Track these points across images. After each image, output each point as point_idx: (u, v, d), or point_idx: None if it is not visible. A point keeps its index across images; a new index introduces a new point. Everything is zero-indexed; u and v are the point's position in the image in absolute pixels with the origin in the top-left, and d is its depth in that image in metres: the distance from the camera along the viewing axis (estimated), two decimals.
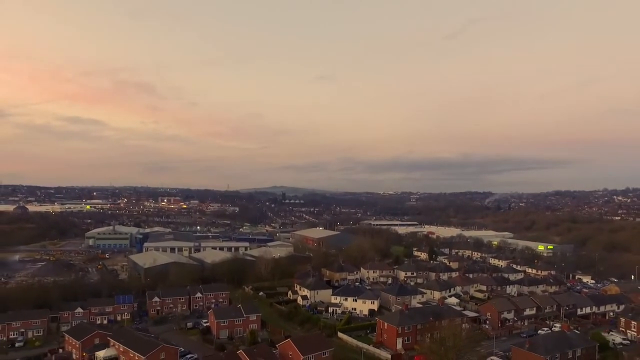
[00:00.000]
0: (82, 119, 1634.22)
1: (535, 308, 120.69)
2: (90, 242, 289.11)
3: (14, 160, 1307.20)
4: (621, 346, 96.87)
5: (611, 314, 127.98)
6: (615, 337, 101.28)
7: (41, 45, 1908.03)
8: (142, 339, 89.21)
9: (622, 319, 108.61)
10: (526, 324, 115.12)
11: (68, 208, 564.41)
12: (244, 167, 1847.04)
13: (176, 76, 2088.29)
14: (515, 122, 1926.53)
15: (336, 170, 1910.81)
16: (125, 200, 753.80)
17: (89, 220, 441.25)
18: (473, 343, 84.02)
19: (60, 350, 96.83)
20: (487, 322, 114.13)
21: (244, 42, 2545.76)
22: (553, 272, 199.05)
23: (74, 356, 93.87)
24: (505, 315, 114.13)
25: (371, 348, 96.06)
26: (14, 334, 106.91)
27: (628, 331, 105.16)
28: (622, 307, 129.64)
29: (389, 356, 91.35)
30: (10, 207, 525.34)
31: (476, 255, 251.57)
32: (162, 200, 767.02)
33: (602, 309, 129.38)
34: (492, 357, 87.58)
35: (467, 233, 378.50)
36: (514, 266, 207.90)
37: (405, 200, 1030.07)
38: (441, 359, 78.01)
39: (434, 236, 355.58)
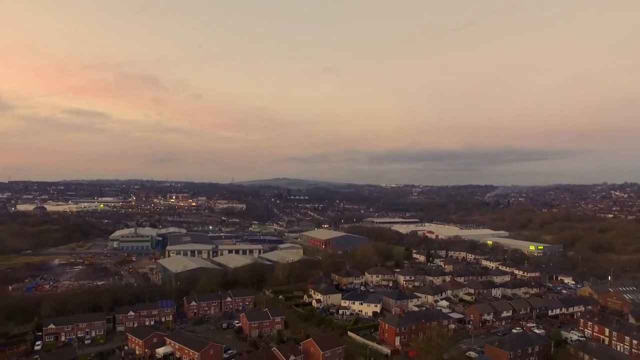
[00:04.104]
0: (86, 111, 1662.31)
1: (511, 310, 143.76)
2: (115, 244, 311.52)
3: (20, 153, 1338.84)
4: (577, 342, 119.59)
5: (578, 314, 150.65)
6: (573, 335, 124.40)
7: (46, 39, 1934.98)
8: (194, 338, 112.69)
9: (582, 320, 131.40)
10: (503, 324, 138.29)
11: (84, 207, 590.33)
12: (247, 158, 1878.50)
13: (180, 69, 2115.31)
14: (519, 113, 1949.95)
15: (340, 162, 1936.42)
16: (135, 198, 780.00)
17: (106, 221, 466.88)
18: (454, 342, 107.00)
19: (125, 347, 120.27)
20: (470, 322, 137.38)
21: (248, 36, 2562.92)
22: (538, 274, 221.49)
23: (137, 352, 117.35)
24: (486, 317, 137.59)
25: (375, 345, 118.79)
26: (81, 333, 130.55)
27: (585, 330, 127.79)
28: (589, 307, 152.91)
29: (389, 351, 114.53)
30: (29, 207, 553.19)
31: (470, 257, 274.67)
32: (171, 197, 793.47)
33: (570, 310, 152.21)
34: (470, 352, 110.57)
35: (465, 232, 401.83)
36: (502, 268, 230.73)
37: (408, 194, 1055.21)
38: (429, 353, 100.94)
39: (433, 236, 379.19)
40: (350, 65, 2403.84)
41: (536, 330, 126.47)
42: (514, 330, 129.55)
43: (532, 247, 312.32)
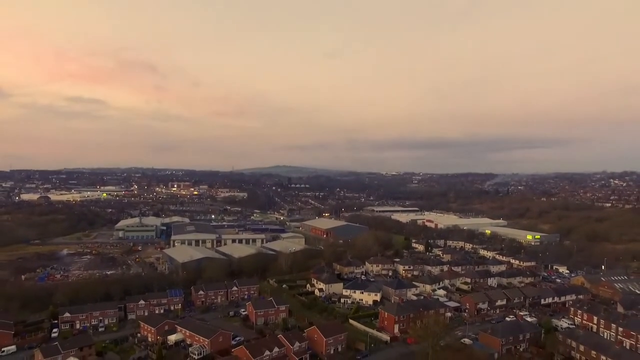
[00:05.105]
0: (85, 99, 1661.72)
1: (505, 299, 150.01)
2: (120, 234, 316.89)
3: (20, 142, 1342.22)
4: (566, 330, 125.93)
5: (570, 302, 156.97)
6: (563, 323, 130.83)
7: (45, 25, 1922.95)
8: (203, 325, 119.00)
9: (572, 309, 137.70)
10: (497, 312, 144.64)
11: (87, 196, 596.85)
12: (248, 146, 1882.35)
13: (178, 55, 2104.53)
14: (521, 101, 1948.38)
15: (341, 149, 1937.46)
16: (137, 186, 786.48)
17: (110, 210, 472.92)
18: (450, 329, 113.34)
19: (138, 335, 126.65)
20: (466, 311, 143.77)
21: (249, 21, 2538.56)
22: (533, 263, 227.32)
23: (149, 339, 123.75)
24: (481, 305, 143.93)
25: (375, 332, 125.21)
26: (95, 321, 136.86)
27: (575, 318, 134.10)
28: (580, 296, 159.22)
29: (388, 338, 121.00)
30: (33, 196, 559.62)
31: (468, 246, 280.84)
32: (173, 186, 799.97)
33: (563, 298, 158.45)
34: (465, 339, 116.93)
35: (464, 221, 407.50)
36: (499, 257, 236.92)
37: (408, 182, 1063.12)
38: (426, 340, 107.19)
39: (433, 225, 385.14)
40: (352, 52, 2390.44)
41: (528, 319, 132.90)
42: (507, 319, 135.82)
43: (529, 237, 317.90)
